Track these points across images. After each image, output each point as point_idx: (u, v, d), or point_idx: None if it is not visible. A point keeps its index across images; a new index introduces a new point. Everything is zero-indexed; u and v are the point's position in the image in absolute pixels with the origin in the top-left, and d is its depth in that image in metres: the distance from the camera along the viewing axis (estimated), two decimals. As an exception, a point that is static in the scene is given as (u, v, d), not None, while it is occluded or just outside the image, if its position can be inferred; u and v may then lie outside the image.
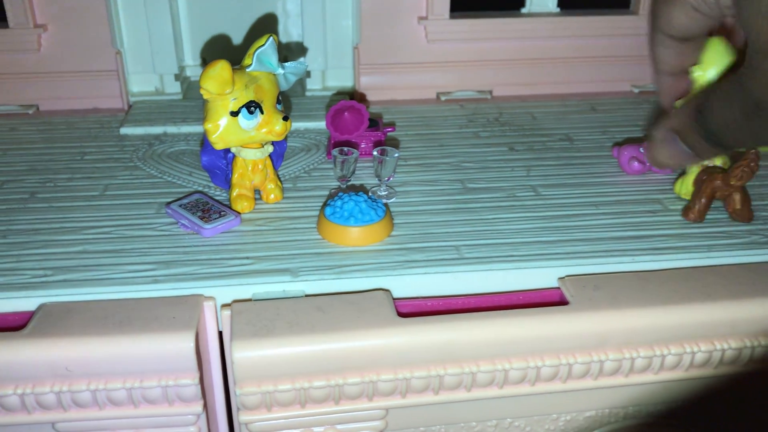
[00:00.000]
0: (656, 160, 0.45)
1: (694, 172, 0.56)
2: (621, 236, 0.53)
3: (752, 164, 0.53)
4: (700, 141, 0.40)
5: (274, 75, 0.53)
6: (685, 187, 0.57)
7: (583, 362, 0.46)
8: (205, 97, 0.50)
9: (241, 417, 0.44)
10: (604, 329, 0.46)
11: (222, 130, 0.51)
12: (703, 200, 0.54)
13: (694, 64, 0.45)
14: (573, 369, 0.46)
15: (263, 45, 0.51)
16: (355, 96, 0.76)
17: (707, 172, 0.55)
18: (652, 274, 0.49)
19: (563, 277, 0.49)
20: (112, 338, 0.42)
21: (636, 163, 0.60)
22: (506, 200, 0.57)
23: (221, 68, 0.49)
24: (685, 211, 0.55)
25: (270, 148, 0.55)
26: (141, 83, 0.75)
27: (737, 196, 0.55)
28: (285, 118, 0.52)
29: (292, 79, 0.54)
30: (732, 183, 0.54)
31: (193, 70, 0.80)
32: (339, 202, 0.52)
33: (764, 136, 0.36)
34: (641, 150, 0.61)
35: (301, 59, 0.71)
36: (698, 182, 0.55)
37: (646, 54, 0.43)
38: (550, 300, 0.49)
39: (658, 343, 0.46)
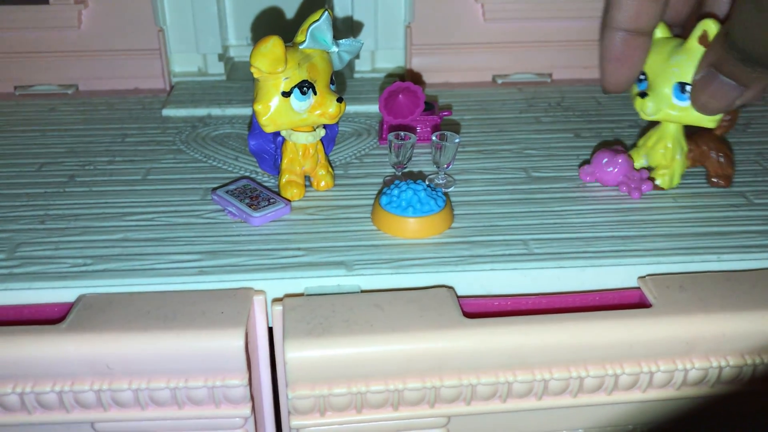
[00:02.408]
0: (703, 104, 0.43)
1: (652, 141, 0.52)
2: (703, 232, 0.48)
3: (733, 112, 0.51)
4: (739, 65, 0.38)
5: (328, 53, 0.49)
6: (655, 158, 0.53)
7: (666, 370, 0.42)
8: (255, 75, 0.47)
9: (292, 421, 0.41)
10: (692, 335, 0.41)
11: (273, 111, 0.47)
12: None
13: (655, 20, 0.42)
14: (654, 378, 0.42)
15: (317, 20, 0.48)
16: (407, 77, 0.72)
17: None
18: (741, 275, 0.45)
19: (644, 277, 0.45)
20: (157, 334, 0.39)
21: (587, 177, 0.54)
22: (576, 191, 0.53)
23: (273, 45, 0.45)
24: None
25: (322, 132, 0.52)
26: (183, 63, 0.72)
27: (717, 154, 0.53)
28: (339, 100, 0.49)
29: (347, 58, 0.50)
30: (717, 133, 0.53)
31: (236, 51, 0.76)
32: (396, 191, 0.49)
33: None
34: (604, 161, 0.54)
35: (356, 38, 0.67)
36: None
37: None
38: (629, 301, 0.44)
39: (750, 351, 0.42)
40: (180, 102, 0.67)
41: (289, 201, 0.51)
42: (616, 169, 0.52)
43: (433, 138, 0.52)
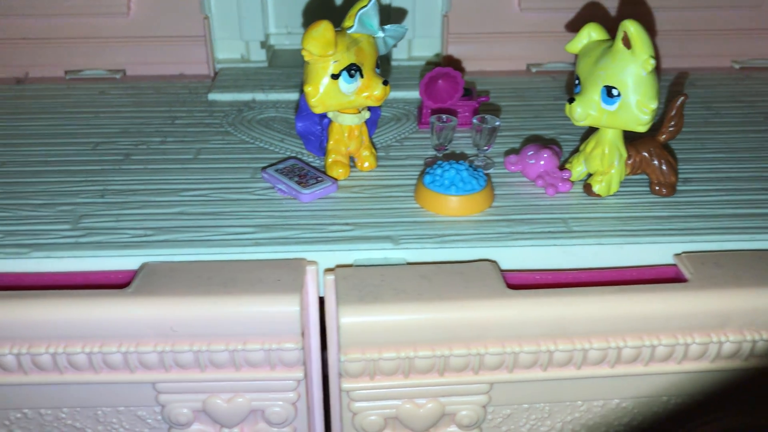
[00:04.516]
0: None
1: (590, 146, 0.51)
2: (736, 213, 0.50)
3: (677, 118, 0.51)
4: None
5: (374, 38, 0.51)
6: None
7: (701, 342, 0.43)
8: (306, 59, 0.49)
9: (343, 384, 0.43)
10: (727, 309, 0.43)
11: (322, 93, 0.50)
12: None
13: None
14: (690, 350, 0.44)
15: (365, 6, 0.50)
16: (444, 65, 0.74)
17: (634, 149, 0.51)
18: (773, 254, 0.46)
19: (679, 254, 0.47)
20: (218, 299, 0.42)
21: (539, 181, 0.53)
22: (611, 173, 0.54)
23: (324, 29, 0.47)
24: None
25: (367, 114, 0.54)
26: (226, 50, 0.75)
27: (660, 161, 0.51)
28: (385, 83, 0.51)
29: (391, 42, 0.52)
30: (661, 139, 0.51)
31: (276, 39, 0.79)
32: (439, 171, 0.51)
33: None
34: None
35: (399, 23, 0.68)
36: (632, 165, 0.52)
37: (748, 28, 0.41)
38: (665, 276, 0.46)
39: (783, 326, 0.44)
40: (225, 87, 0.69)
41: (336, 180, 0.53)
42: (541, 162, 0.52)
43: (474, 121, 0.53)
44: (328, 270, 0.45)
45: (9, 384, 0.43)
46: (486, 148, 0.55)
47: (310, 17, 0.78)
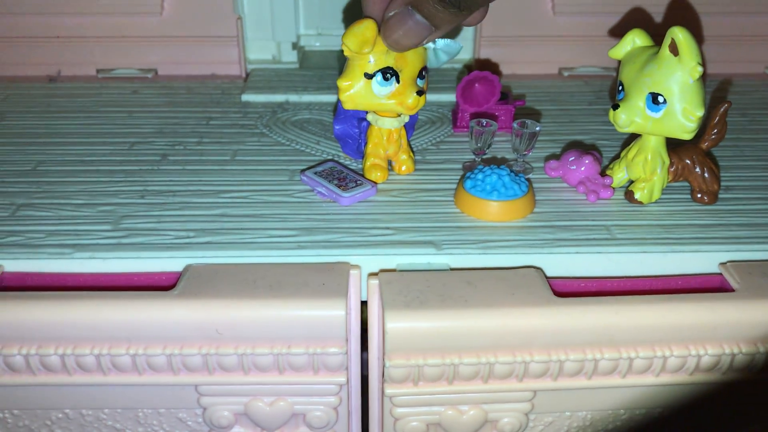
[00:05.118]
0: (395, 41, 0.44)
1: (633, 152, 0.51)
2: (781, 222, 0.49)
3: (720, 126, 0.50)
4: (436, 6, 0.40)
5: (424, 48, 0.51)
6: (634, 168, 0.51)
7: (747, 353, 0.43)
8: (345, 53, 0.49)
9: (387, 389, 0.43)
10: (774, 320, 0.43)
11: (354, 90, 0.49)
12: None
13: None
14: (735, 360, 0.43)
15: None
16: (476, 68, 0.73)
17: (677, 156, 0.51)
18: (820, 264, 0.46)
19: (725, 263, 0.46)
20: (264, 302, 0.42)
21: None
22: (652, 180, 0.54)
23: (366, 27, 0.47)
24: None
25: (406, 118, 0.54)
26: (258, 51, 0.75)
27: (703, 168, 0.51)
28: (419, 93, 0.50)
29: (444, 57, 0.51)
30: (704, 147, 0.51)
31: (306, 40, 0.79)
32: (480, 175, 0.50)
33: None
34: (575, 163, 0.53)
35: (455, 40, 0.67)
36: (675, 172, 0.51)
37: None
38: (710, 286, 0.46)
39: (831, 337, 0.43)
40: (258, 88, 0.69)
41: (375, 183, 0.52)
42: (582, 168, 0.52)
43: (515, 125, 0.53)
44: (372, 274, 0.45)
45: (52, 384, 0.43)
46: (526, 152, 0.54)
47: (341, 18, 0.78)
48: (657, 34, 0.47)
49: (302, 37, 0.79)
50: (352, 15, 0.78)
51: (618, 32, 0.72)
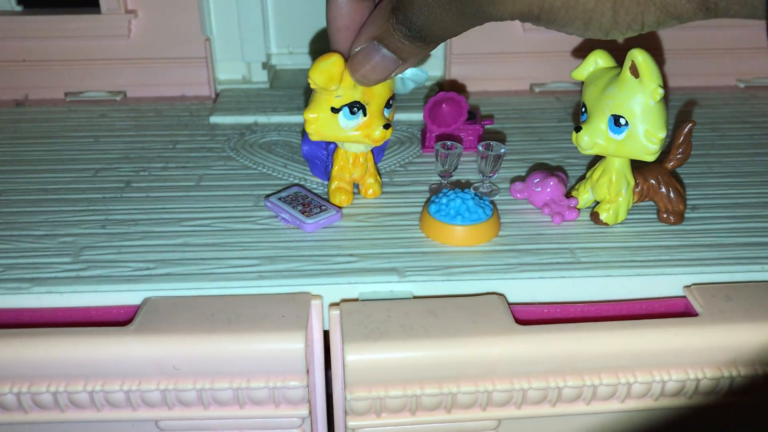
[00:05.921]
0: (363, 76, 0.44)
1: (597, 174, 0.51)
2: (748, 242, 0.49)
3: (685, 145, 0.50)
4: (403, 41, 0.39)
5: (391, 79, 0.50)
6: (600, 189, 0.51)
7: (712, 378, 0.43)
8: (312, 86, 0.48)
9: (349, 422, 0.42)
10: (738, 343, 0.42)
11: (320, 122, 0.49)
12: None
13: None
14: (701, 384, 0.43)
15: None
16: (447, 86, 0.73)
17: (641, 175, 0.51)
18: (785, 285, 0.46)
19: (689, 286, 0.46)
20: (222, 337, 0.41)
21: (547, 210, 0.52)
22: (619, 200, 0.54)
23: (332, 63, 0.46)
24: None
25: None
26: (228, 71, 0.74)
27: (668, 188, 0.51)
28: (386, 126, 0.49)
29: (410, 85, 0.51)
30: (668, 167, 0.51)
31: (278, 59, 0.78)
32: (445, 200, 0.50)
33: (469, 10, 0.36)
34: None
35: (423, 68, 0.66)
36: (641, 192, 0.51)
37: (753, 47, 0.40)
38: (675, 310, 0.46)
39: (795, 360, 0.43)
40: (227, 109, 0.68)
41: (339, 207, 0.52)
42: (547, 190, 0.52)
43: (480, 148, 0.53)
44: (333, 304, 0.44)
45: (9, 423, 0.43)
46: (491, 174, 0.54)
47: (312, 36, 0.77)
48: (625, 50, 0.46)
49: (273, 56, 0.78)
50: (323, 34, 0.78)
51: (587, 47, 0.72)
